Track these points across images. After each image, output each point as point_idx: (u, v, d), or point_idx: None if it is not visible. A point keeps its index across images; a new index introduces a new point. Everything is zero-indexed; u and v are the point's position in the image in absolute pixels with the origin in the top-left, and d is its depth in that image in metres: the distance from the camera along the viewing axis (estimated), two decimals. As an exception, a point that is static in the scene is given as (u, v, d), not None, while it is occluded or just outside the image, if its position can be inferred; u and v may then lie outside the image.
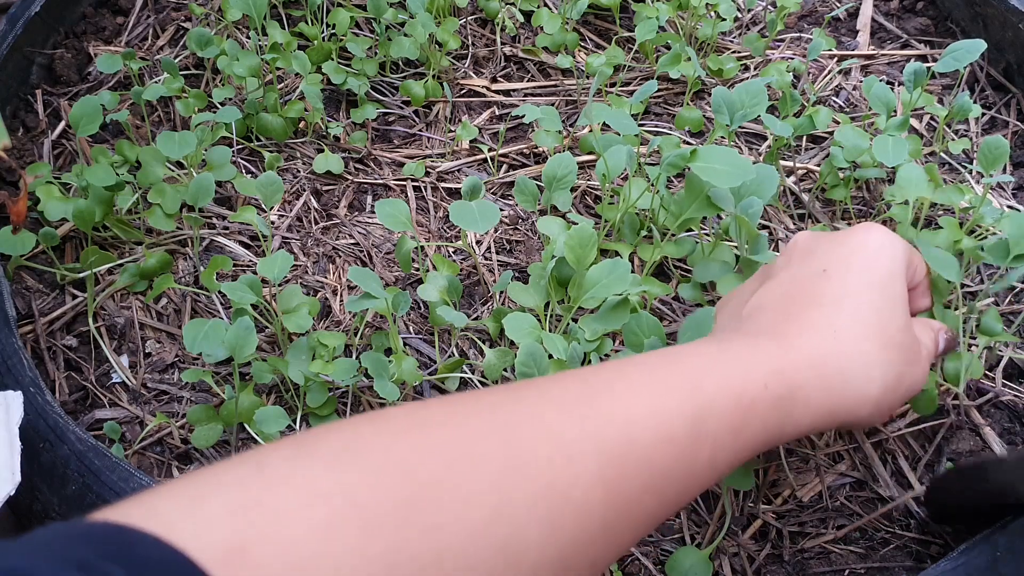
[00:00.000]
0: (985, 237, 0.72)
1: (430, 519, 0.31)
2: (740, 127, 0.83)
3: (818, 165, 0.81)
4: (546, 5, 0.94)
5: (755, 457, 0.60)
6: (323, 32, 0.90)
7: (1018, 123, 0.84)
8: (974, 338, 0.62)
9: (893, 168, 0.75)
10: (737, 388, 0.42)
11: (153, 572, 0.25)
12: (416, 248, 0.74)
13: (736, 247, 0.73)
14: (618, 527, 0.37)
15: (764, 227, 0.76)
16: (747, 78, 0.88)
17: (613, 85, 0.88)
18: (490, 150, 0.83)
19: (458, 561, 0.31)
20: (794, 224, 0.76)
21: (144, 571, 0.24)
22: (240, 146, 0.83)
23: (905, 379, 0.50)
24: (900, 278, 0.51)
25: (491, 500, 0.33)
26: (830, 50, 0.90)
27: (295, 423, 0.64)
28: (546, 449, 0.36)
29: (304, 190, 0.80)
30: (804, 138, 0.83)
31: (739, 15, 0.94)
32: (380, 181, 0.81)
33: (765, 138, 0.84)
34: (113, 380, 0.68)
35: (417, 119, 0.87)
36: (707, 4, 0.89)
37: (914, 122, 0.85)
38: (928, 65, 0.84)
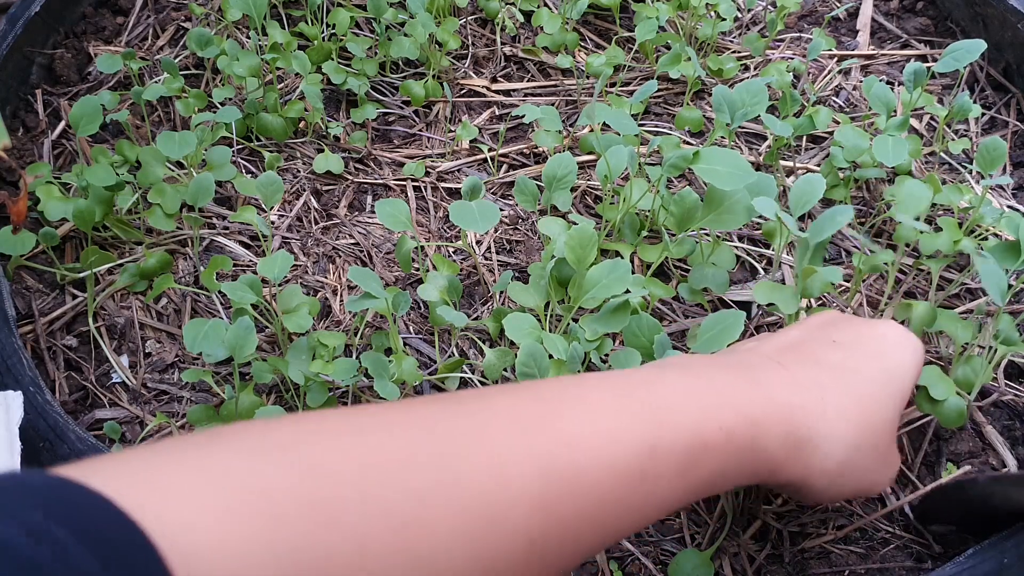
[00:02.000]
0: (985, 238, 0.72)
1: (340, 519, 0.31)
2: (740, 127, 0.83)
3: (818, 165, 0.81)
4: (546, 5, 0.94)
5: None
6: (323, 32, 0.90)
7: (1018, 123, 0.84)
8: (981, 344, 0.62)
9: (893, 168, 0.75)
10: (693, 427, 0.41)
11: (97, 535, 0.25)
12: (416, 248, 0.74)
13: (736, 246, 0.73)
14: (557, 553, 0.36)
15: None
16: (747, 78, 0.88)
17: (613, 85, 0.88)
18: (490, 150, 0.83)
19: (366, 563, 0.31)
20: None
21: (79, 526, 0.25)
22: (240, 146, 0.83)
23: (868, 476, 0.48)
24: (909, 380, 0.50)
25: (409, 509, 0.32)
26: (830, 50, 0.90)
27: (295, 423, 0.64)
28: (483, 466, 0.35)
29: (304, 190, 0.80)
30: (804, 138, 0.83)
31: (739, 15, 0.94)
32: (380, 181, 0.81)
33: (765, 138, 0.84)
34: (113, 380, 0.68)
35: (417, 119, 0.87)
36: (707, 4, 0.89)
37: (914, 122, 0.85)
38: (928, 65, 0.84)
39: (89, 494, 0.27)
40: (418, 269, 0.74)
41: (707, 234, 0.73)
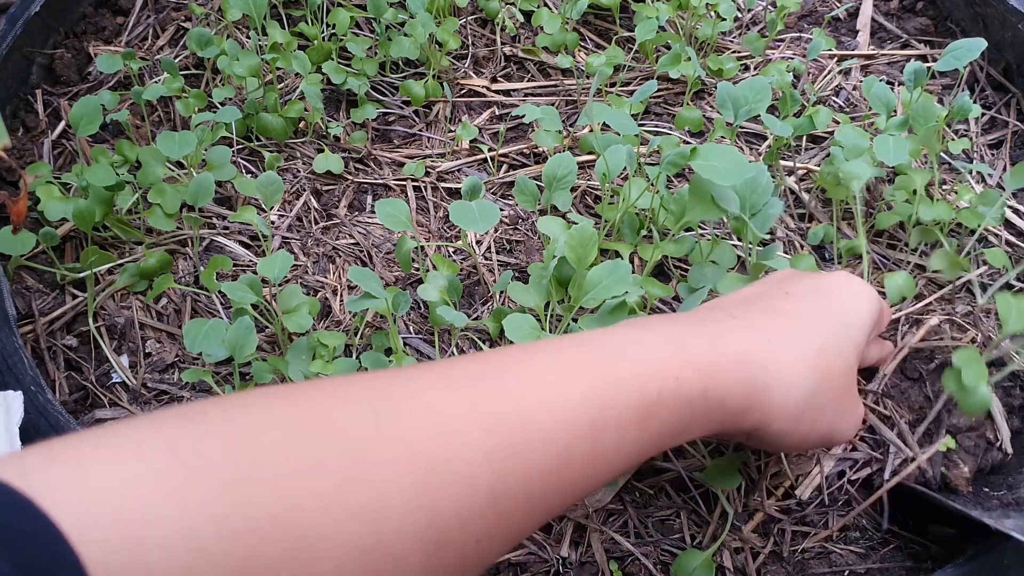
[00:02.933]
0: (985, 238, 0.72)
1: (269, 482, 0.30)
2: (740, 127, 0.83)
3: (818, 165, 0.81)
4: (546, 5, 0.94)
5: (746, 454, 0.61)
6: (323, 32, 0.90)
7: (1018, 123, 0.84)
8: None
9: (893, 168, 0.75)
10: (645, 378, 0.41)
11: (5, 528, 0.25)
12: (416, 248, 0.74)
13: (736, 245, 0.73)
14: (510, 505, 0.36)
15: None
16: (747, 78, 0.88)
17: (613, 85, 0.88)
18: (490, 150, 0.83)
19: (302, 522, 0.30)
20: (795, 223, 0.76)
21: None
22: (240, 146, 0.83)
23: (830, 422, 0.49)
24: (864, 327, 0.51)
25: (346, 466, 0.32)
26: (830, 50, 0.90)
27: (295, 423, 0.64)
28: (425, 423, 0.35)
29: (304, 190, 0.80)
30: (804, 138, 0.83)
31: (739, 15, 0.94)
32: (380, 181, 0.81)
33: (765, 138, 0.84)
34: (113, 380, 0.68)
35: (417, 119, 0.87)
36: (707, 4, 0.89)
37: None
38: (928, 65, 0.84)
39: (6, 489, 0.27)
40: (418, 269, 0.74)
41: (706, 233, 0.73)
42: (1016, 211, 0.76)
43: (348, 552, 0.31)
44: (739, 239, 0.75)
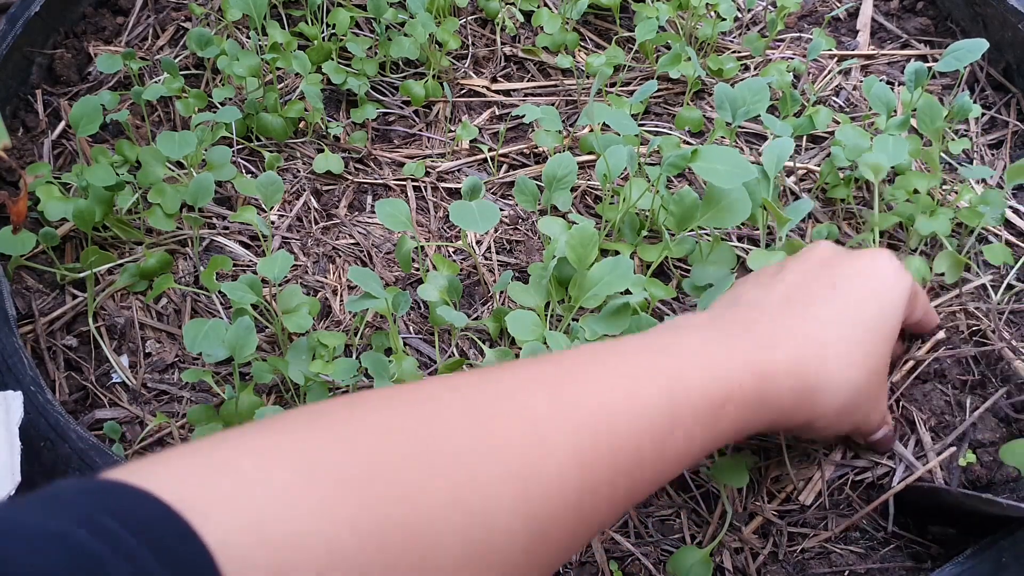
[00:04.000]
0: (985, 238, 0.72)
1: (395, 487, 0.32)
2: (740, 127, 0.83)
3: (818, 165, 0.80)
4: (546, 5, 0.94)
5: (748, 454, 0.61)
6: (323, 32, 0.90)
7: (1018, 123, 0.84)
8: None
9: (894, 168, 0.75)
10: (713, 385, 0.44)
11: (140, 523, 0.26)
12: (416, 248, 0.74)
13: (736, 246, 0.73)
14: (591, 502, 0.38)
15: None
16: (747, 78, 0.88)
17: (613, 85, 0.88)
18: (490, 150, 0.83)
19: (426, 524, 0.32)
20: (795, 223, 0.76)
21: (132, 522, 0.26)
22: (240, 146, 0.83)
23: (863, 414, 0.54)
24: (899, 314, 0.54)
25: (458, 471, 0.34)
26: (830, 50, 0.90)
27: (295, 423, 0.64)
28: (517, 427, 0.37)
29: (304, 190, 0.80)
30: (804, 138, 0.83)
31: (739, 15, 0.94)
32: (380, 181, 0.81)
33: (765, 138, 0.84)
34: (113, 380, 0.68)
35: (417, 119, 0.87)
36: (707, 4, 0.89)
37: (914, 122, 0.84)
38: (929, 65, 0.84)
39: (136, 492, 0.28)
40: (418, 269, 0.74)
41: (707, 233, 0.73)
42: (1016, 211, 0.76)
43: (468, 549, 0.33)
44: (739, 240, 0.75)
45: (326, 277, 0.74)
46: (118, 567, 0.25)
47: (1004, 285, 0.70)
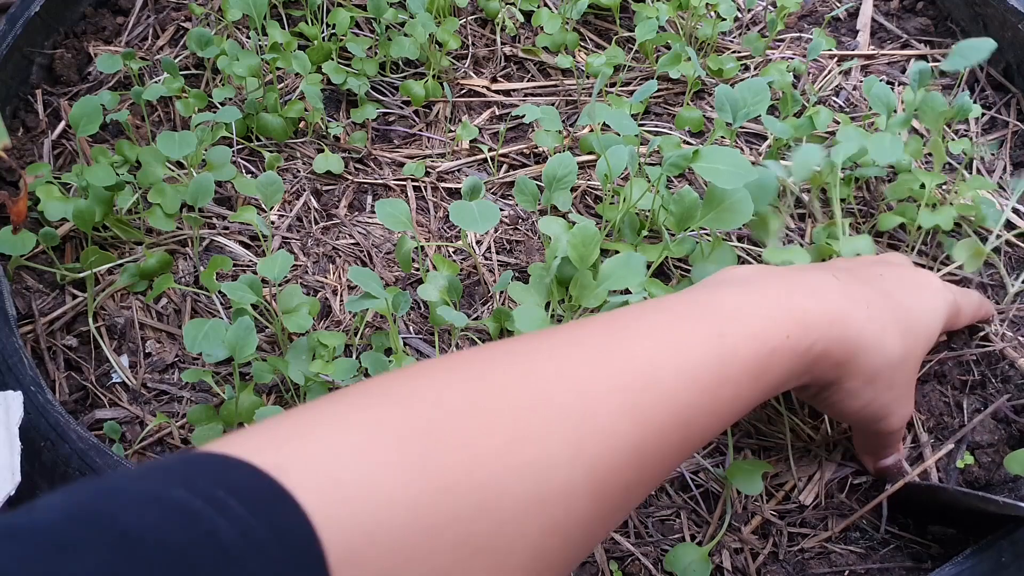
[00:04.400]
0: (985, 238, 0.72)
1: (455, 439, 0.34)
2: (740, 127, 0.83)
3: (818, 165, 0.80)
4: (546, 5, 0.94)
5: (765, 462, 0.61)
6: (323, 32, 0.90)
7: (1018, 123, 0.84)
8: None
9: (895, 168, 0.75)
10: (760, 337, 0.44)
11: (234, 484, 0.28)
12: (416, 248, 0.74)
13: (736, 246, 0.73)
14: (648, 454, 0.39)
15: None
16: (747, 78, 0.88)
17: (613, 85, 0.88)
18: (490, 150, 0.83)
19: (486, 472, 0.33)
20: (795, 223, 0.76)
21: (226, 483, 0.28)
22: (240, 146, 0.83)
23: (888, 401, 0.53)
24: (938, 324, 0.55)
25: (512, 424, 0.35)
26: (830, 50, 0.90)
27: (295, 423, 0.64)
28: (568, 383, 0.38)
29: (304, 190, 0.80)
30: (804, 138, 0.83)
31: (739, 15, 0.94)
32: (380, 181, 0.81)
33: (765, 138, 0.84)
34: (113, 380, 0.68)
35: (417, 119, 0.87)
36: (707, 4, 0.89)
37: (916, 123, 0.85)
38: (933, 64, 0.84)
39: (228, 459, 0.30)
40: (418, 269, 0.74)
41: (707, 234, 0.73)
42: (1016, 211, 0.76)
43: (528, 501, 0.34)
44: (739, 240, 0.75)
45: (326, 277, 0.74)
46: (215, 521, 0.26)
47: (1012, 293, 0.70)
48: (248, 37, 0.90)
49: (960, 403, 0.64)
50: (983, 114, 0.85)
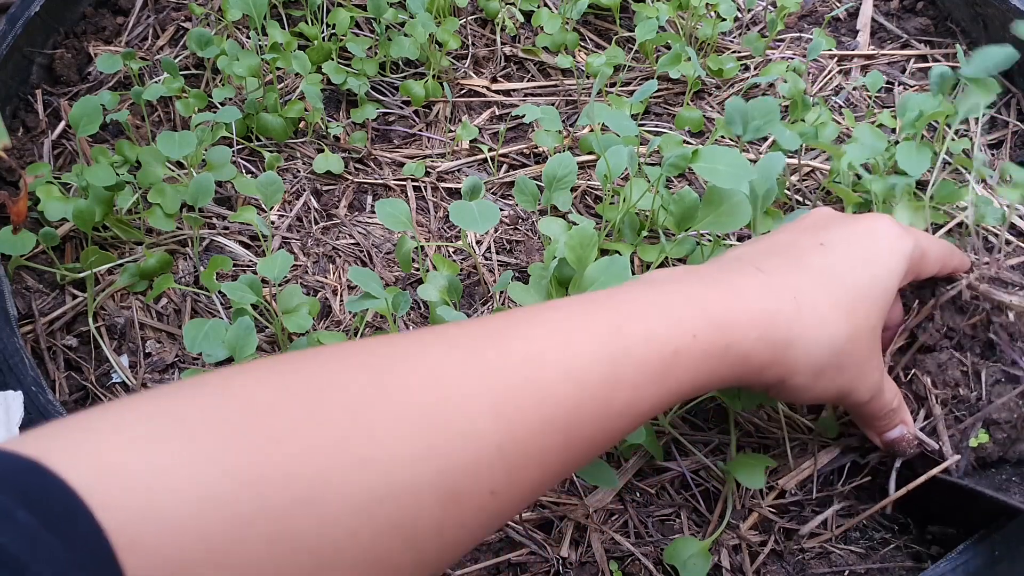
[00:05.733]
0: (985, 238, 0.72)
1: (267, 433, 0.32)
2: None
3: (823, 163, 0.80)
4: (546, 5, 0.94)
5: (768, 457, 0.61)
6: (323, 32, 0.90)
7: (1018, 123, 0.84)
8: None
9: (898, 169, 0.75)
10: (661, 336, 0.41)
11: (31, 497, 0.27)
12: (416, 248, 0.74)
13: (735, 245, 0.73)
14: (521, 460, 0.36)
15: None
16: (747, 78, 0.88)
17: (613, 85, 0.88)
18: (490, 150, 0.83)
19: (301, 470, 0.31)
20: (794, 224, 0.76)
21: (24, 497, 0.27)
22: (240, 146, 0.83)
23: (850, 378, 0.49)
24: (894, 279, 0.50)
25: (347, 419, 0.33)
26: (830, 50, 0.90)
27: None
28: (423, 379, 0.35)
29: (304, 190, 0.80)
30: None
31: (739, 15, 0.94)
32: (380, 181, 0.81)
33: (766, 138, 0.84)
34: (113, 380, 0.68)
35: (417, 119, 0.87)
36: (707, 4, 0.89)
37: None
38: (952, 65, 0.84)
39: (31, 465, 0.28)
40: (418, 269, 0.74)
41: (706, 234, 0.73)
42: (1016, 211, 0.76)
43: (360, 498, 0.32)
44: (738, 240, 0.75)
45: (326, 277, 0.74)
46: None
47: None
48: (248, 37, 0.90)
49: (979, 372, 0.60)
50: (983, 114, 0.85)
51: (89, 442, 0.30)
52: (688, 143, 0.83)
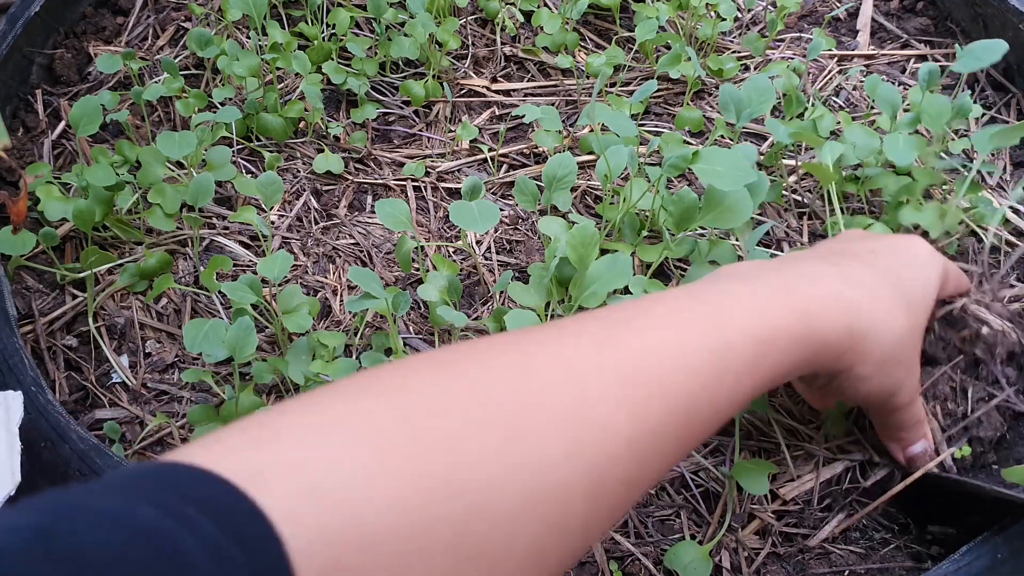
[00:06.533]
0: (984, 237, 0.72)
1: (443, 439, 0.33)
2: (742, 127, 0.83)
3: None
4: (546, 5, 0.94)
5: (771, 463, 0.61)
6: (323, 32, 0.90)
7: (1018, 123, 0.84)
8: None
9: (893, 167, 0.75)
10: (758, 325, 0.44)
11: (199, 498, 0.27)
12: (416, 248, 0.74)
13: (735, 244, 0.73)
14: (646, 449, 0.38)
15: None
16: (747, 78, 0.88)
17: (613, 85, 0.88)
18: (490, 150, 0.83)
19: (474, 476, 0.32)
20: (796, 223, 0.76)
21: (207, 508, 0.27)
22: (240, 146, 0.83)
23: (900, 376, 0.52)
24: (934, 291, 0.54)
25: (506, 423, 0.34)
26: (830, 50, 0.90)
27: (295, 423, 0.64)
28: (562, 377, 0.37)
29: (304, 190, 0.80)
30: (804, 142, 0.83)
31: (739, 15, 0.94)
32: (380, 181, 0.81)
33: (766, 138, 0.84)
34: (113, 380, 0.68)
35: (417, 119, 0.87)
36: (707, 4, 0.89)
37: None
38: (945, 65, 0.84)
39: (192, 469, 0.28)
40: (418, 269, 0.74)
41: (704, 234, 0.73)
42: (1016, 211, 0.76)
43: (522, 501, 0.33)
44: (738, 238, 0.75)
45: (326, 277, 0.74)
46: (183, 541, 0.25)
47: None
48: (248, 37, 0.90)
49: (966, 389, 0.62)
50: (983, 114, 0.85)
51: (286, 459, 0.30)
52: (688, 143, 0.83)
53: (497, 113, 0.87)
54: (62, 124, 0.83)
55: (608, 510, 0.37)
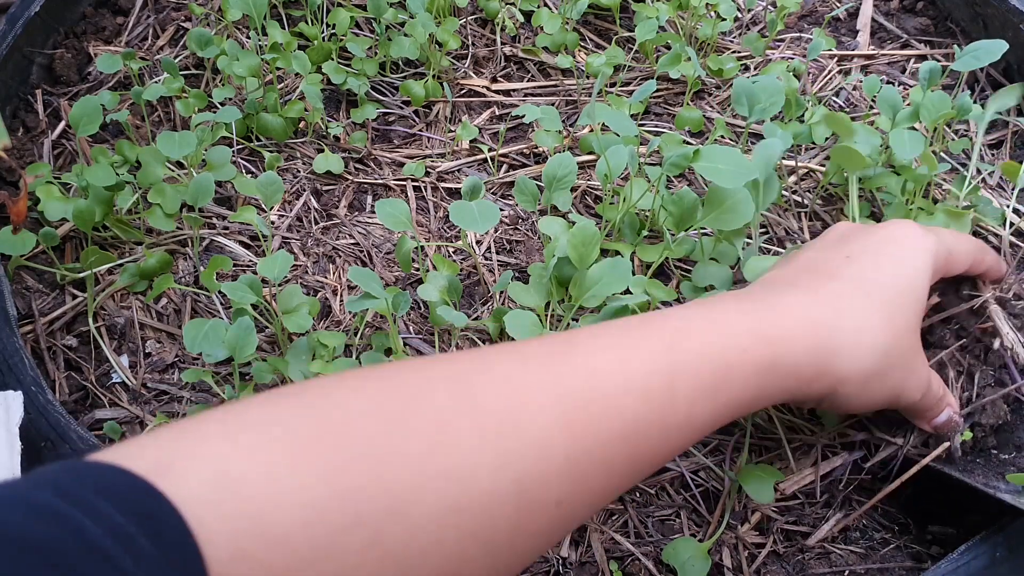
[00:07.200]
0: (984, 238, 0.72)
1: (364, 444, 0.33)
2: (739, 127, 0.83)
3: (820, 164, 0.80)
4: (546, 5, 0.94)
5: (778, 471, 0.60)
6: (323, 32, 0.90)
7: (1018, 123, 0.84)
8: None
9: (893, 167, 0.75)
10: (713, 351, 0.43)
11: (111, 491, 0.28)
12: (416, 248, 0.74)
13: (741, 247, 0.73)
14: (585, 467, 0.38)
15: (763, 227, 0.76)
16: (749, 78, 0.88)
17: (613, 85, 0.88)
18: (490, 150, 0.83)
19: (402, 480, 0.33)
20: (796, 223, 0.76)
21: (111, 495, 0.28)
22: (240, 146, 0.83)
23: (897, 381, 0.50)
24: (924, 278, 0.52)
25: (433, 430, 0.34)
26: (830, 50, 0.90)
27: (295, 423, 0.64)
28: (499, 392, 0.37)
29: (304, 190, 0.80)
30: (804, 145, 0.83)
31: (739, 15, 0.94)
32: (380, 181, 0.81)
33: (763, 138, 0.84)
34: (113, 380, 0.68)
35: (417, 119, 0.87)
36: (707, 4, 0.89)
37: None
38: (945, 64, 0.84)
39: (115, 469, 0.29)
40: (418, 269, 0.74)
41: (706, 233, 0.73)
42: (1016, 211, 0.76)
43: (443, 508, 0.33)
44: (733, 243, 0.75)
45: (326, 277, 0.74)
46: (80, 521, 0.26)
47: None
48: (248, 37, 0.90)
49: (973, 374, 0.61)
50: (983, 114, 0.85)
51: (195, 453, 0.30)
52: (688, 143, 0.83)
53: (497, 113, 0.87)
54: (62, 124, 0.83)
55: (542, 525, 0.37)
